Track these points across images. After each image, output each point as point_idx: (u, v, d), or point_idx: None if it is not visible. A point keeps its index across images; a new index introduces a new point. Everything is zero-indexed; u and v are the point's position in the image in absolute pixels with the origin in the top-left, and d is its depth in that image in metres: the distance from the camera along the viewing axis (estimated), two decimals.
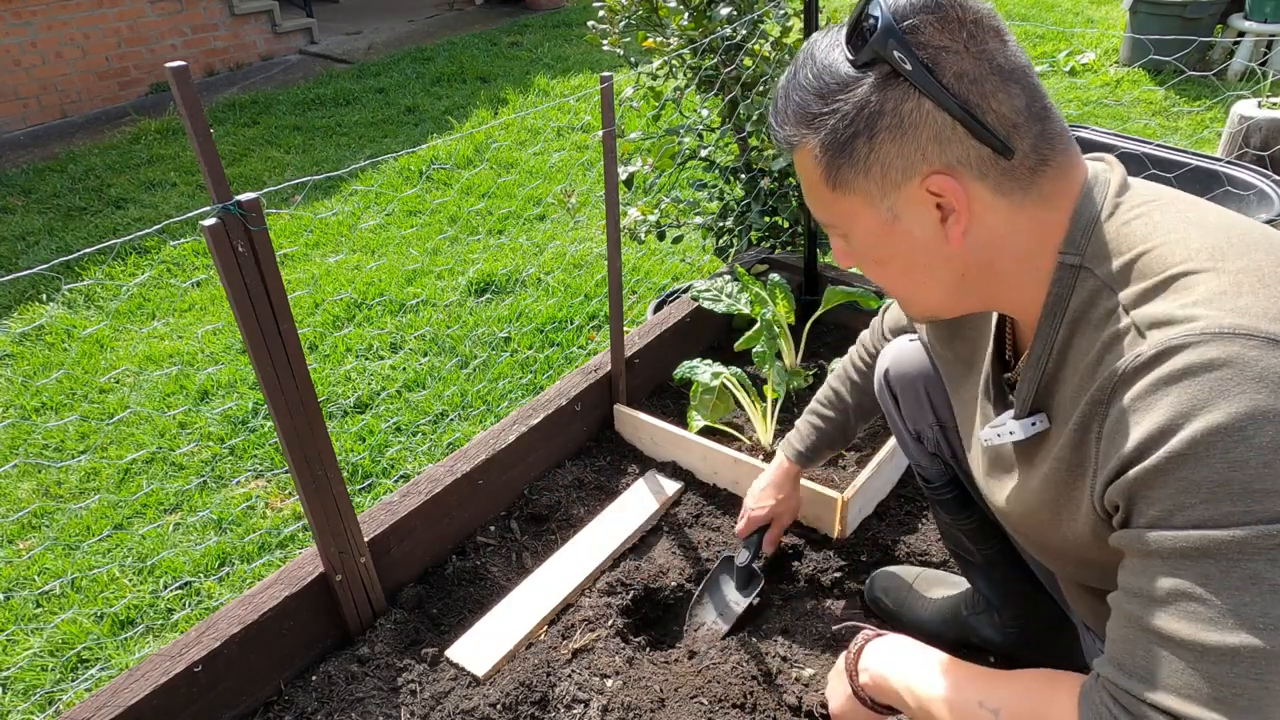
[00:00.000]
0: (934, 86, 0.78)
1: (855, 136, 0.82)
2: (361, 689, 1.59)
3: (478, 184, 4.37)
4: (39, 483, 2.55)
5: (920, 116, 0.80)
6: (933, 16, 0.78)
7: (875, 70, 0.80)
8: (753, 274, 2.52)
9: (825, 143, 0.84)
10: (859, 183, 0.85)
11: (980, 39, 0.79)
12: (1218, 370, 0.68)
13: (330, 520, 1.55)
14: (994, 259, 0.86)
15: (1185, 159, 2.36)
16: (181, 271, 3.78)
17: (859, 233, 0.90)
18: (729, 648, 1.64)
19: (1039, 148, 0.81)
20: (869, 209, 0.86)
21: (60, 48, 5.64)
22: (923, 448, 1.43)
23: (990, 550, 1.45)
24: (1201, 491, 0.68)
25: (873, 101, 0.81)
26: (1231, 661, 0.68)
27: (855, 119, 0.82)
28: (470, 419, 2.70)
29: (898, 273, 0.92)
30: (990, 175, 0.81)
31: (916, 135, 0.80)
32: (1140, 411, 0.73)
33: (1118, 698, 0.74)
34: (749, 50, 2.53)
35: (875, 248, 0.90)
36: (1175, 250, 0.77)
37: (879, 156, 0.82)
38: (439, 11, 8.20)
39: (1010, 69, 0.80)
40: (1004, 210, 0.83)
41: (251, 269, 1.29)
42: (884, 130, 0.81)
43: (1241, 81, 4.85)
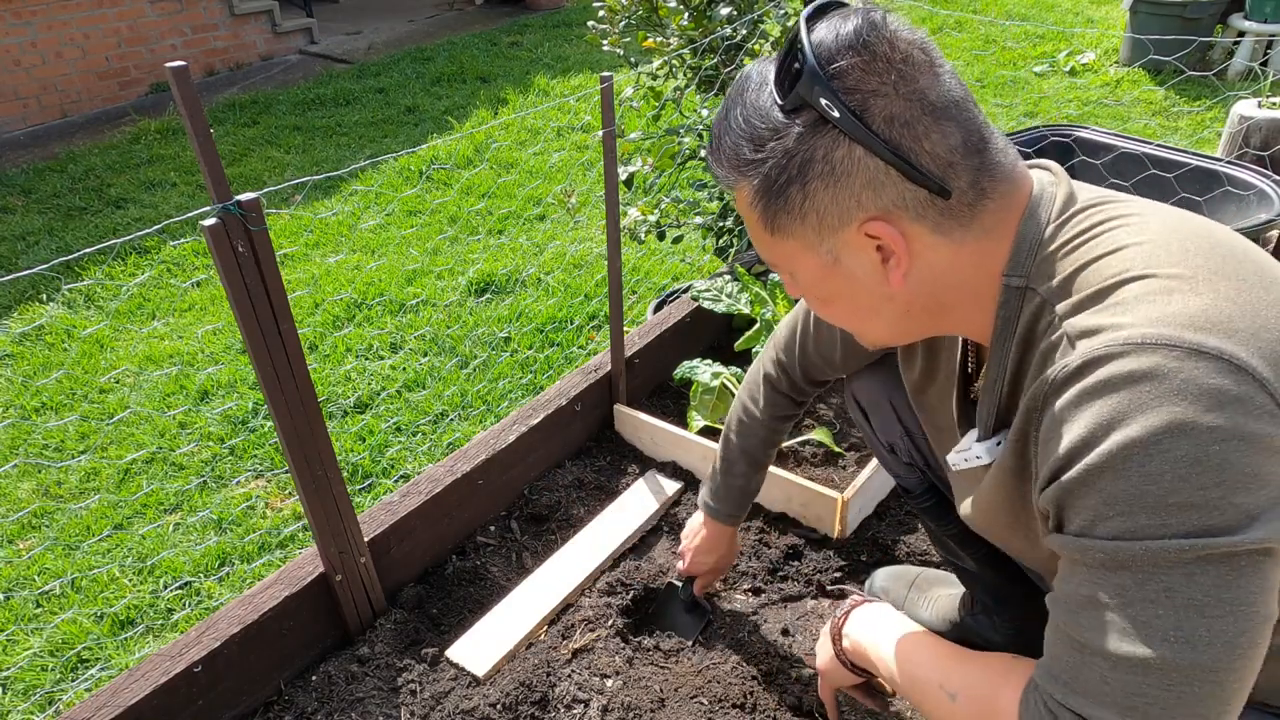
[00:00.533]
0: (863, 133, 0.77)
1: (789, 184, 0.81)
2: (361, 689, 1.59)
3: (478, 184, 4.36)
4: (39, 483, 2.55)
5: (852, 163, 0.78)
6: (860, 58, 0.76)
7: (804, 115, 0.79)
8: (753, 274, 2.52)
9: (759, 189, 0.83)
10: (796, 228, 0.84)
11: (910, 78, 0.77)
12: (1138, 383, 0.68)
13: (330, 520, 1.55)
14: (938, 293, 0.86)
15: (1185, 159, 2.36)
16: (181, 271, 3.78)
17: (802, 274, 0.90)
18: (729, 648, 1.64)
19: (978, 182, 0.80)
20: (809, 252, 0.86)
21: (60, 48, 5.64)
22: (897, 459, 1.44)
23: (978, 554, 1.45)
24: (1119, 504, 0.69)
25: (803, 149, 0.79)
26: (1144, 672, 0.69)
27: (787, 166, 0.80)
28: (470, 419, 2.70)
29: (844, 311, 0.93)
30: (928, 216, 0.80)
31: (850, 182, 0.79)
32: (1067, 422, 0.73)
33: (1047, 702, 0.76)
34: (749, 50, 2.53)
35: (819, 288, 0.90)
36: (1112, 263, 0.77)
37: (814, 204, 0.81)
38: (439, 11, 8.20)
39: (943, 105, 0.78)
40: (945, 248, 0.82)
41: (251, 269, 1.29)
42: (816, 178, 0.80)
43: (1241, 81, 4.85)
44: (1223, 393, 0.66)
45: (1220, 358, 0.67)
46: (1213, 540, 0.66)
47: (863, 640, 1.12)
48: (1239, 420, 0.66)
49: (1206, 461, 0.65)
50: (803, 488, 1.88)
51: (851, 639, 1.14)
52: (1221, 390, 0.66)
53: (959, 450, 0.98)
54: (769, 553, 1.86)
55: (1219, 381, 0.66)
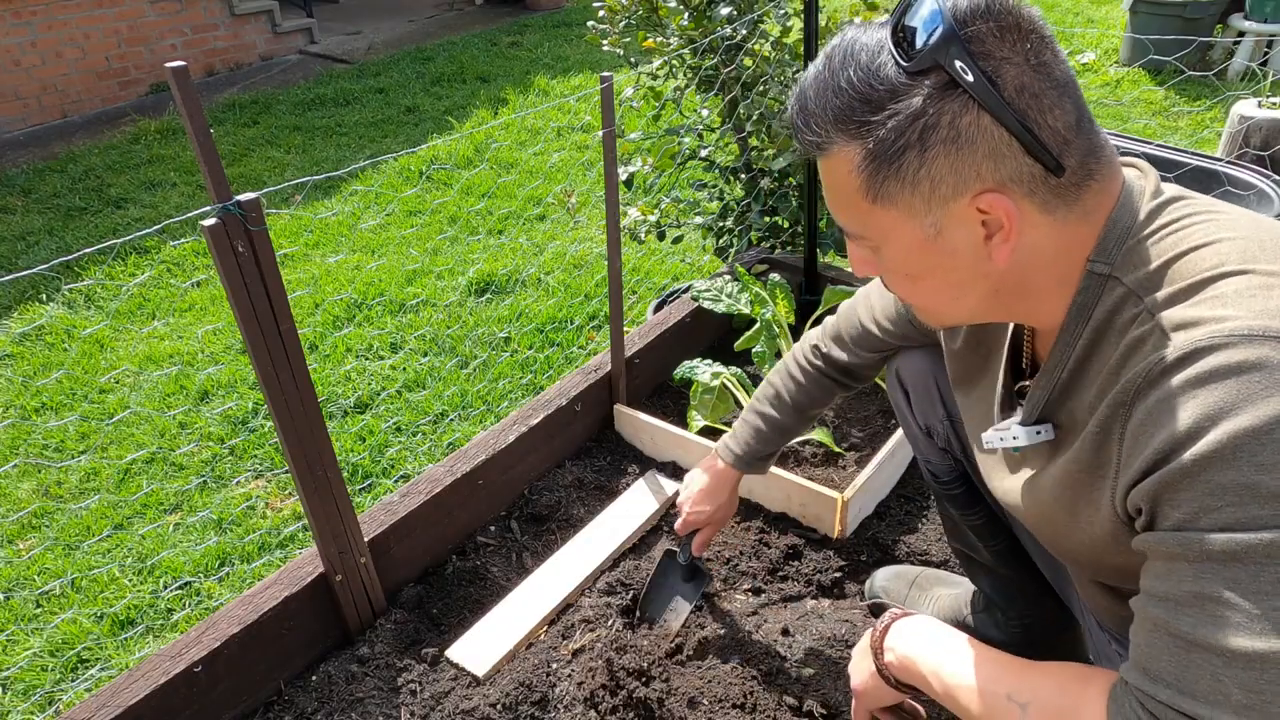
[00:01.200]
0: (996, 100, 0.75)
1: (906, 149, 0.78)
2: (361, 689, 1.59)
3: (478, 184, 4.36)
4: (39, 483, 2.55)
5: (977, 131, 0.76)
6: (993, 24, 0.75)
7: (931, 79, 0.76)
8: (753, 274, 2.52)
9: (871, 153, 0.79)
10: (903, 197, 0.80)
11: (1039, 50, 0.76)
12: (1246, 373, 0.68)
13: (330, 520, 1.55)
14: (1029, 274, 0.84)
15: (1185, 159, 2.36)
16: (181, 271, 3.78)
17: (894, 247, 0.85)
18: (729, 648, 1.64)
19: (1086, 163, 0.79)
20: (910, 223, 0.82)
21: (60, 48, 5.64)
22: (932, 443, 1.41)
23: (998, 546, 1.44)
24: (1228, 495, 0.67)
25: (929, 113, 0.76)
26: (1261, 667, 0.67)
27: (907, 131, 0.77)
28: (470, 419, 2.70)
29: (932, 287, 0.88)
30: (1039, 193, 0.79)
31: (972, 151, 0.77)
32: (1166, 414, 0.71)
33: (1146, 704, 0.73)
34: (749, 50, 2.53)
35: (910, 262, 0.86)
36: (1206, 256, 0.76)
37: (930, 172, 0.78)
38: (439, 11, 8.20)
39: (1064, 82, 0.77)
40: (1046, 226, 0.81)
41: (251, 269, 1.29)
42: (938, 144, 0.77)
43: (1241, 81, 4.85)
44: None
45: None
46: None
47: (911, 653, 1.03)
48: None
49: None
50: (803, 488, 1.88)
51: (897, 653, 1.05)
52: None
53: (997, 429, 0.96)
54: (769, 553, 1.86)
55: None
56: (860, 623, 1.71)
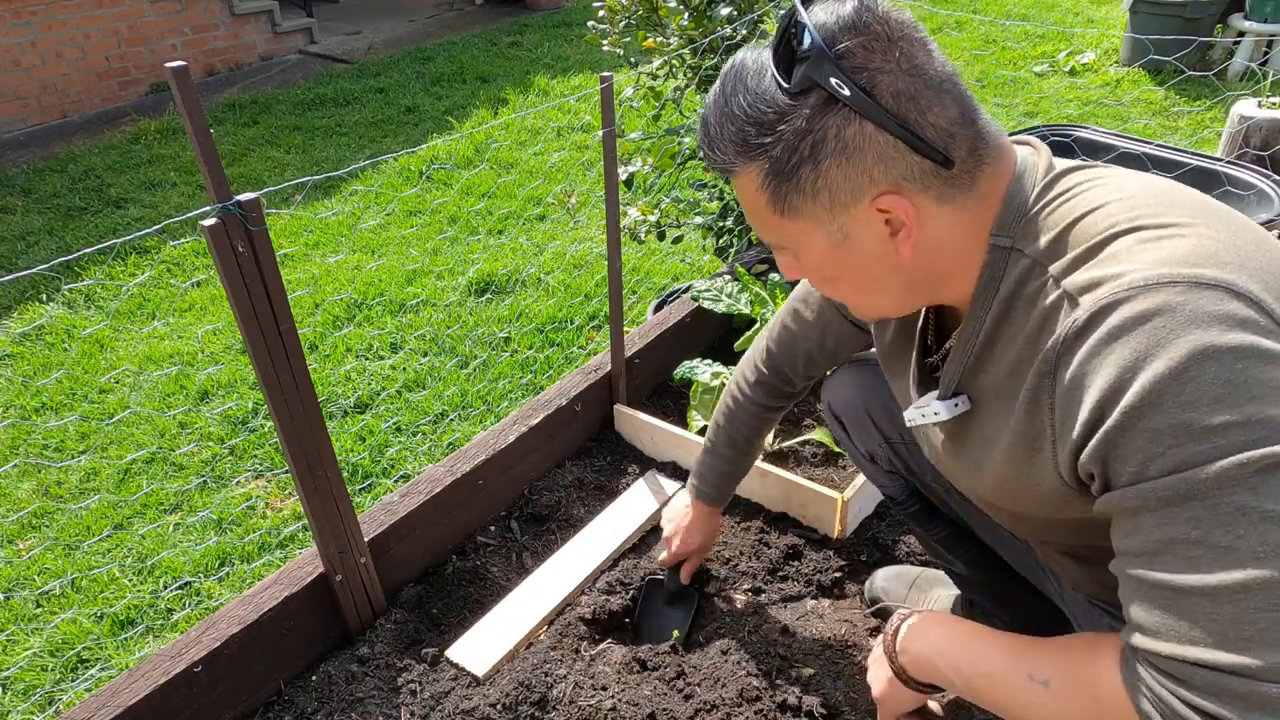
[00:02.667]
0: (874, 109, 0.79)
1: (800, 164, 0.82)
2: (361, 689, 1.59)
3: (478, 184, 4.36)
4: (39, 483, 2.55)
5: (863, 139, 0.80)
6: (863, 37, 0.79)
7: (812, 96, 0.80)
8: (753, 274, 2.52)
9: (769, 172, 0.84)
10: (807, 207, 0.85)
11: (909, 54, 0.80)
12: (1151, 320, 0.71)
13: (330, 520, 1.55)
14: (939, 261, 0.88)
15: (1185, 159, 2.36)
16: (181, 271, 3.78)
17: (809, 253, 0.91)
18: (728, 648, 1.64)
19: (975, 150, 0.83)
20: (818, 231, 0.87)
21: (60, 48, 5.64)
22: (878, 467, 1.45)
23: (967, 555, 1.45)
24: (1166, 439, 0.70)
25: (815, 129, 0.81)
26: (1245, 597, 0.67)
27: (798, 147, 0.82)
28: (470, 419, 2.70)
29: (849, 286, 0.94)
30: (933, 186, 0.83)
31: (861, 158, 0.81)
32: (1088, 375, 0.74)
33: (1154, 663, 0.73)
34: None
35: (826, 265, 0.92)
36: (1098, 220, 0.79)
37: (826, 182, 0.83)
38: (439, 11, 8.20)
39: (939, 80, 0.81)
40: (946, 216, 0.85)
41: (251, 269, 1.29)
42: (828, 156, 0.81)
43: (1241, 81, 4.85)
44: (1231, 315, 0.69)
45: (1219, 286, 0.70)
46: (1265, 450, 0.67)
47: (924, 650, 1.04)
48: (1252, 339, 0.69)
49: (1235, 380, 0.68)
50: (803, 488, 1.88)
51: (910, 652, 1.06)
52: (1230, 314, 0.69)
53: (916, 406, 1.00)
54: (769, 553, 1.86)
55: (1225, 307, 0.70)
56: (860, 623, 1.71)
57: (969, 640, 0.98)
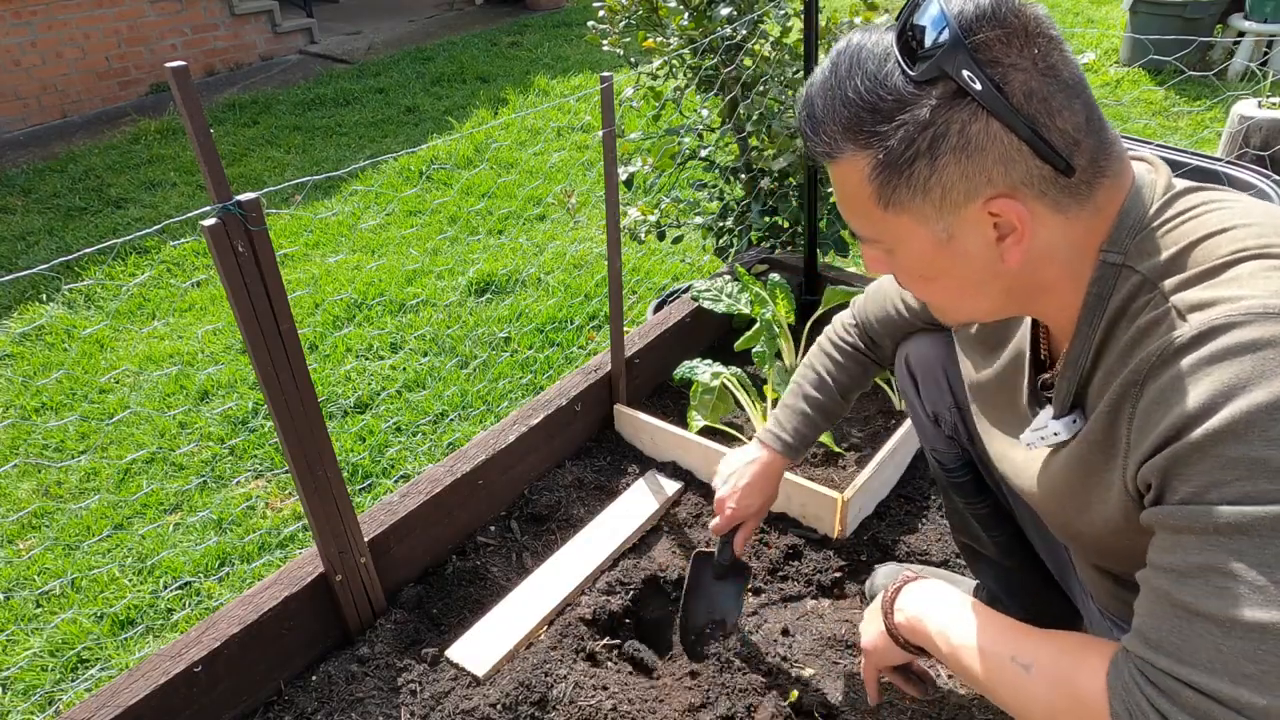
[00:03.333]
0: (1004, 108, 0.75)
1: (916, 158, 0.79)
2: (361, 689, 1.59)
3: (478, 184, 4.36)
4: (39, 483, 2.55)
5: (987, 139, 0.77)
6: (1000, 30, 0.75)
7: (939, 87, 0.77)
8: (753, 274, 2.52)
9: (881, 162, 0.80)
10: (915, 204, 0.82)
11: (1046, 53, 0.77)
12: (1261, 350, 0.68)
13: (330, 520, 1.55)
14: (1042, 271, 0.85)
15: (1185, 159, 2.35)
16: (181, 271, 3.78)
17: (907, 250, 0.87)
18: (728, 648, 1.64)
19: (1096, 160, 0.80)
20: (922, 228, 0.84)
21: (60, 48, 5.64)
22: (940, 431, 1.42)
23: (1001, 537, 1.44)
24: (1239, 469, 0.68)
25: (937, 122, 0.77)
26: (1261, 638, 0.67)
27: (917, 140, 0.78)
28: (470, 419, 2.70)
29: (945, 288, 0.90)
30: (1050, 193, 0.80)
31: (982, 158, 0.78)
32: (1178, 392, 0.72)
33: (1145, 672, 0.73)
34: (749, 50, 2.53)
35: (923, 265, 0.88)
36: (1222, 242, 0.76)
37: (940, 179, 0.79)
38: (439, 11, 8.20)
39: (1073, 83, 0.78)
40: (1058, 225, 0.82)
41: (251, 269, 1.29)
42: (948, 152, 0.78)
43: (1241, 81, 4.85)
44: None
45: None
46: None
47: (920, 614, 1.04)
48: None
49: None
50: (803, 488, 1.88)
51: (906, 613, 1.07)
52: None
53: (1035, 429, 0.96)
54: (769, 553, 1.86)
55: None
56: (860, 623, 1.71)
57: (963, 611, 0.99)
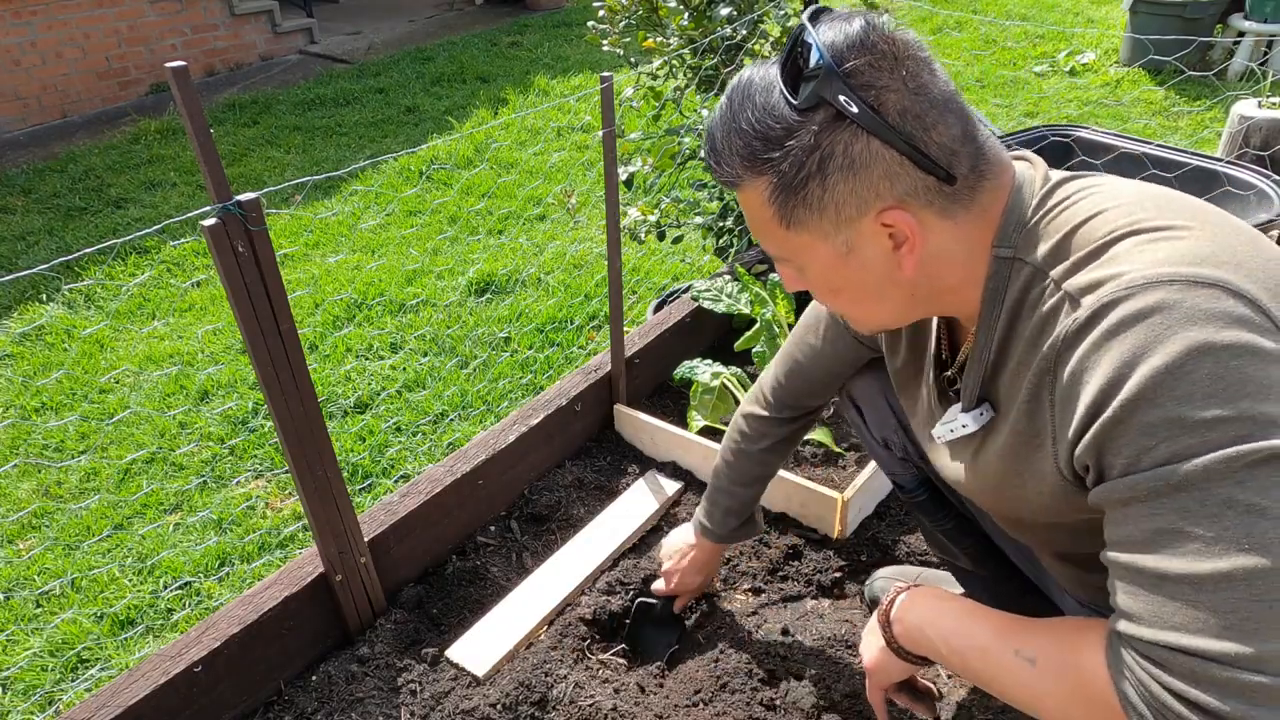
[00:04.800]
0: (881, 126, 0.81)
1: (808, 179, 0.84)
2: (361, 689, 1.59)
3: (478, 184, 4.36)
4: (39, 483, 2.55)
5: (870, 156, 0.82)
6: (870, 56, 0.81)
7: (820, 113, 0.82)
8: (753, 274, 2.52)
9: (776, 185, 0.86)
10: (813, 221, 0.87)
11: (915, 73, 0.82)
12: (1149, 316, 0.73)
13: (330, 520, 1.55)
14: (941, 274, 0.90)
15: (1185, 159, 2.36)
16: (181, 271, 3.78)
17: (813, 265, 0.93)
18: (729, 648, 1.64)
19: (976, 166, 0.85)
20: (823, 244, 0.89)
21: (60, 48, 5.64)
22: (892, 454, 1.46)
23: (971, 549, 1.46)
24: (1159, 431, 0.71)
25: (822, 145, 0.83)
26: (1229, 586, 0.69)
27: (806, 162, 0.84)
28: (470, 419, 2.70)
29: (850, 298, 0.96)
30: (936, 201, 0.85)
31: (868, 174, 0.83)
32: (1087, 371, 0.76)
33: (1136, 649, 0.74)
34: (749, 50, 2.53)
35: (829, 278, 0.93)
36: (1097, 225, 0.82)
37: (832, 197, 0.85)
38: (439, 11, 8.19)
39: (944, 98, 0.83)
40: (948, 230, 0.87)
41: (251, 269, 1.29)
42: (836, 171, 0.83)
43: (1241, 81, 4.85)
44: (1228, 314, 0.71)
45: (1217, 285, 0.73)
46: (1254, 445, 0.68)
47: (918, 621, 1.05)
48: (1248, 337, 0.70)
49: (1229, 376, 0.70)
50: (803, 488, 1.88)
51: (904, 623, 1.07)
52: (1226, 312, 0.71)
53: (944, 423, 1.01)
54: (769, 553, 1.86)
55: (1222, 305, 0.72)
56: (860, 623, 1.71)
57: (961, 613, 1.00)
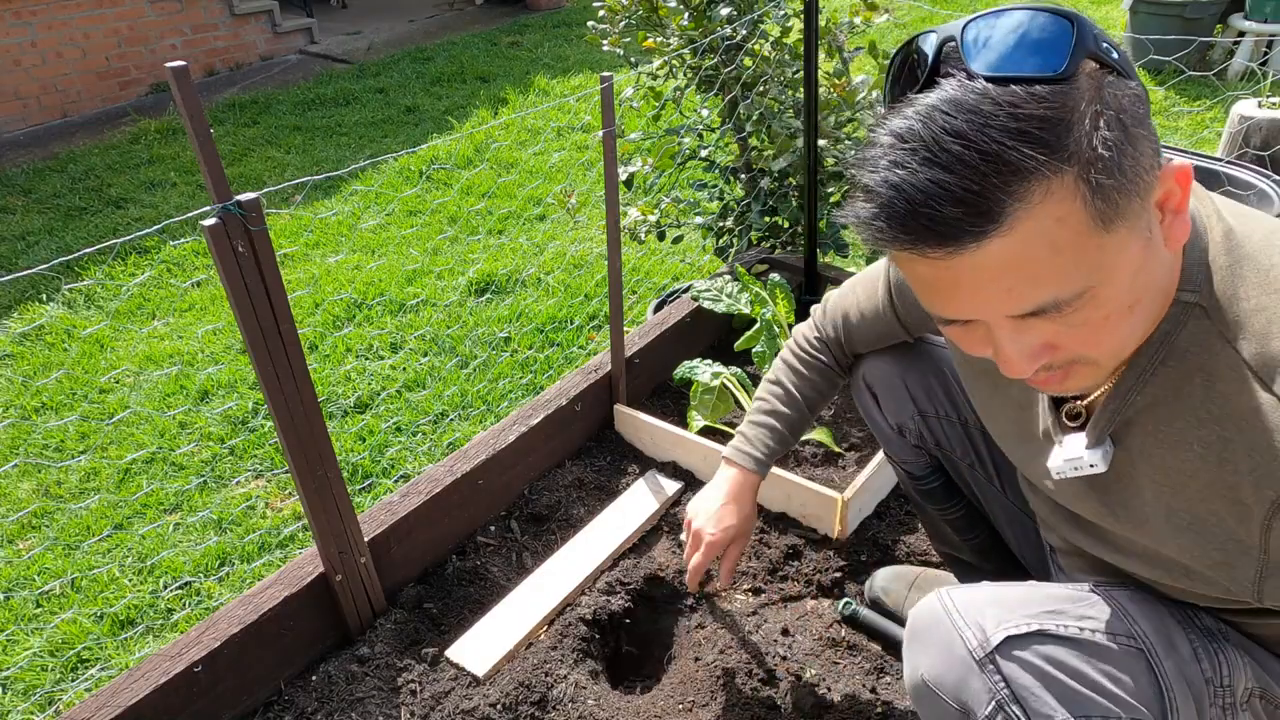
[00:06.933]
0: (1132, 68, 0.70)
1: (1118, 145, 0.66)
2: (361, 689, 1.59)
3: (478, 184, 4.36)
4: (39, 483, 2.55)
5: (1136, 103, 0.69)
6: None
7: (1083, 73, 0.68)
8: (753, 274, 2.52)
9: (1080, 175, 0.66)
10: (1132, 206, 0.69)
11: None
12: None
13: (330, 520, 1.55)
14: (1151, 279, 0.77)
15: (1185, 159, 2.36)
16: (181, 271, 3.78)
17: (1121, 275, 0.72)
18: (728, 648, 1.64)
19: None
20: (1135, 235, 0.71)
21: (60, 48, 5.64)
22: (905, 441, 1.41)
23: (977, 541, 1.45)
24: None
25: (1108, 100, 0.67)
26: None
27: (1111, 125, 0.66)
28: (470, 419, 2.70)
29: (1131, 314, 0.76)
30: None
31: (1146, 122, 0.69)
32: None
33: None
34: (749, 50, 2.53)
35: (1133, 288, 0.73)
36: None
37: (1140, 161, 0.68)
38: (439, 11, 8.19)
39: None
40: None
41: (251, 269, 1.29)
42: (1135, 126, 0.68)
43: (1241, 81, 4.85)
44: None
45: None
46: None
47: None
48: None
49: None
50: (803, 488, 1.88)
51: None
52: None
53: (1068, 459, 0.91)
54: (769, 553, 1.86)
55: None
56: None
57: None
